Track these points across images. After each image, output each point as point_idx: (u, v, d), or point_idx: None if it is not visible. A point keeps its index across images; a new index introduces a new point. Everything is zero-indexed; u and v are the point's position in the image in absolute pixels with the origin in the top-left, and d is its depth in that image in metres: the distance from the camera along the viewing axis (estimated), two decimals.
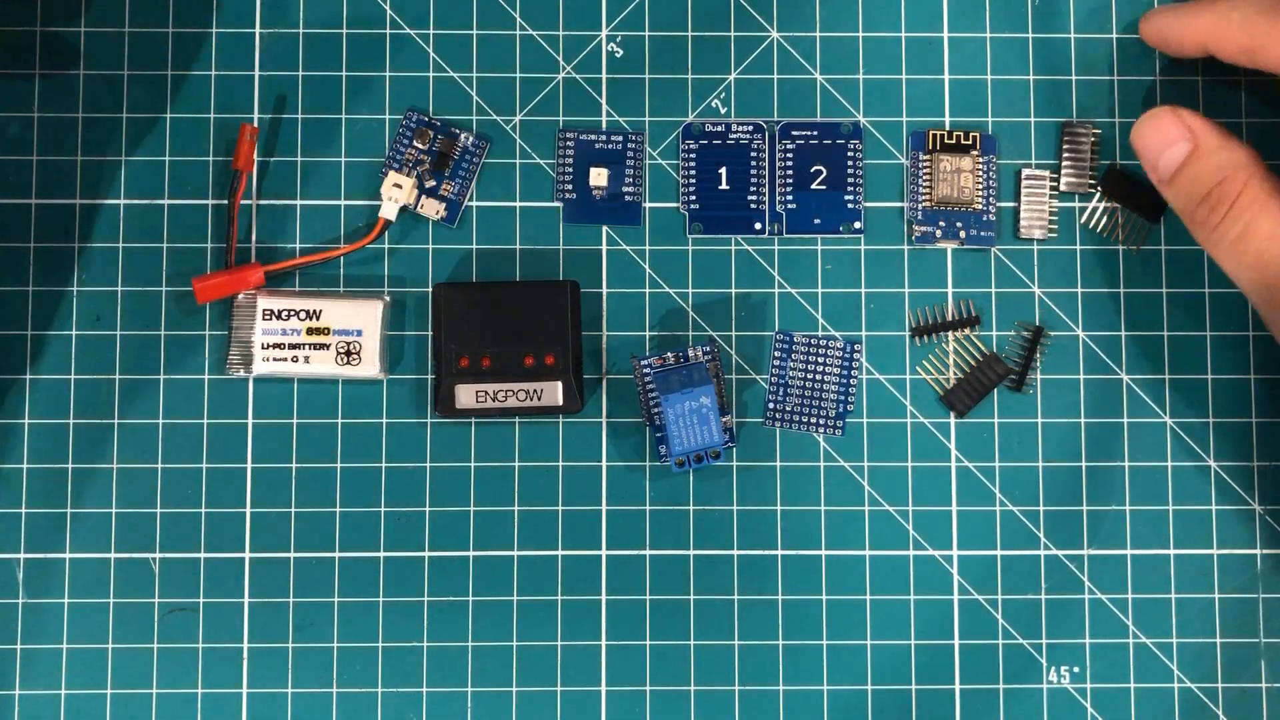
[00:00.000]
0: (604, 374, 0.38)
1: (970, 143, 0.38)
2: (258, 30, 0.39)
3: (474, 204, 0.38)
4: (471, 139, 0.38)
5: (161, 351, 0.38)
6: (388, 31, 0.39)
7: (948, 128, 0.39)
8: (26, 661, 0.37)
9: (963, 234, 0.38)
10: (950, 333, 0.38)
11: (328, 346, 0.37)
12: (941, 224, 0.38)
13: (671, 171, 0.39)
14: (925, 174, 0.38)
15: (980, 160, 0.38)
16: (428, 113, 0.39)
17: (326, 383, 0.38)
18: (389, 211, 0.38)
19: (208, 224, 0.38)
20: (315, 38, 0.39)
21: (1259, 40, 0.34)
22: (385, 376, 0.38)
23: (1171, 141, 0.35)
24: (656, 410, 0.37)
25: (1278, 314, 0.33)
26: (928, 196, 0.38)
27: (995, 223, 0.38)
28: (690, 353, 0.37)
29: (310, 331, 0.37)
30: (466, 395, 0.37)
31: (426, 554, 0.37)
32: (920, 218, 0.38)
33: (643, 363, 0.37)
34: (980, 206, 0.38)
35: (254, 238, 0.38)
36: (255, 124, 0.38)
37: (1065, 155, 0.38)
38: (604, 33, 0.39)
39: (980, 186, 0.38)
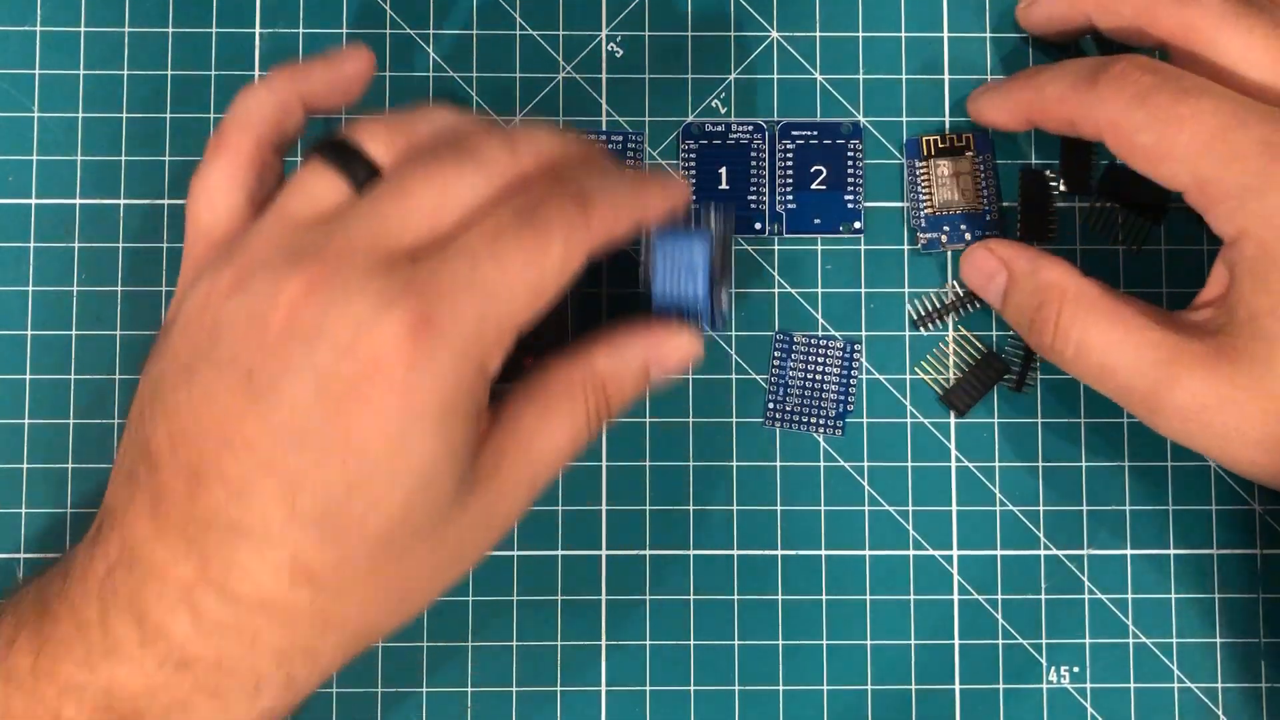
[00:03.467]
0: None
1: (964, 144, 0.38)
2: (258, 30, 0.39)
3: None
4: None
5: None
6: (388, 31, 0.39)
7: (947, 129, 0.39)
8: None
9: (968, 236, 0.38)
10: (951, 317, 0.38)
11: None
12: (946, 229, 0.38)
13: (671, 171, 0.39)
14: (924, 181, 0.38)
15: (976, 161, 0.38)
16: None
17: None
18: None
19: None
20: (315, 38, 0.39)
21: (1077, 113, 0.33)
22: None
23: (990, 275, 0.35)
24: (649, 254, 0.35)
25: (1148, 413, 0.32)
26: (929, 203, 0.38)
27: (998, 223, 0.38)
28: (701, 212, 0.36)
29: None
30: None
31: None
32: (924, 225, 0.38)
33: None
34: (983, 207, 0.38)
35: None
36: None
37: (1065, 155, 0.38)
38: (604, 33, 0.39)
39: (980, 187, 0.38)
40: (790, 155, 0.38)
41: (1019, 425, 0.38)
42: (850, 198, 0.38)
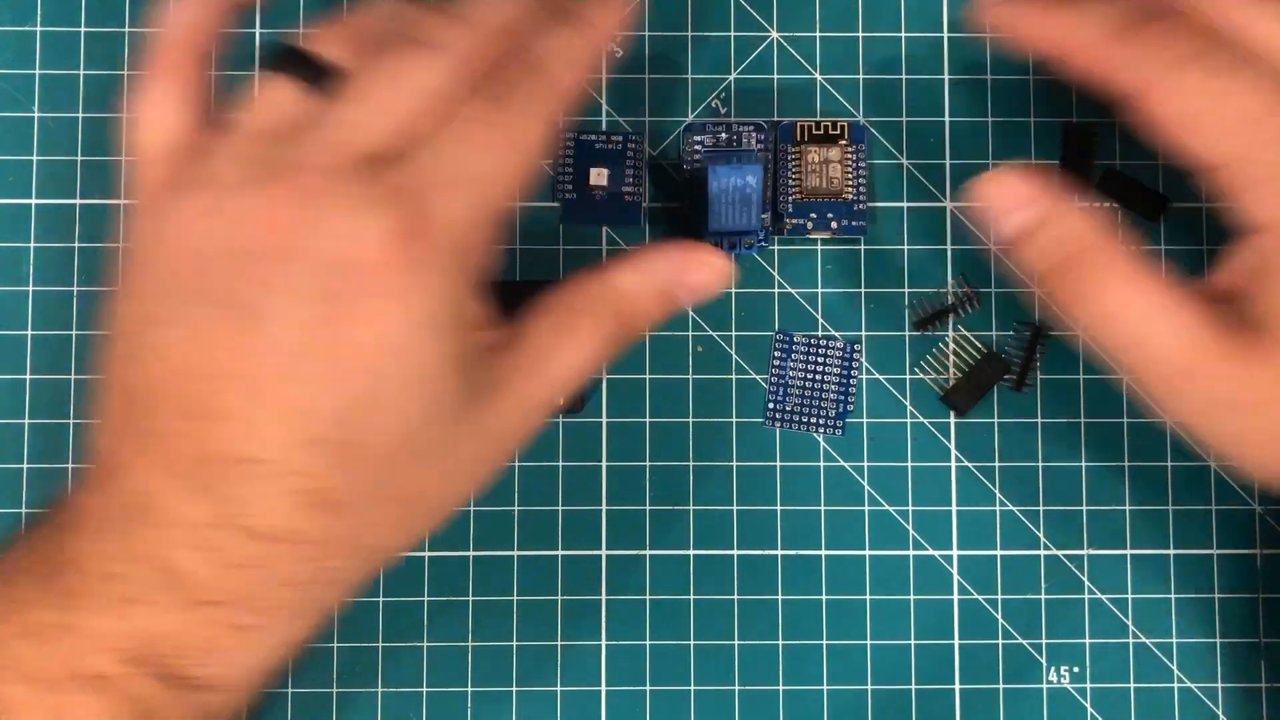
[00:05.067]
0: (604, 373, 0.38)
1: (839, 132, 0.38)
2: (258, 30, 0.39)
3: None
4: None
5: None
6: None
7: (948, 130, 0.39)
8: None
9: (834, 225, 0.38)
10: (951, 316, 0.38)
11: None
12: (813, 215, 0.38)
13: (672, 172, 0.39)
14: (794, 166, 0.38)
15: (849, 150, 0.38)
16: None
17: None
18: None
19: None
20: None
21: (1107, 65, 0.30)
22: None
23: (1018, 205, 0.31)
24: (698, 179, 0.36)
25: (1168, 393, 0.30)
26: (796, 188, 0.38)
27: (866, 213, 0.38)
28: (744, 138, 0.37)
29: None
30: None
31: (427, 554, 0.37)
32: (790, 210, 0.38)
33: (694, 138, 0.36)
34: (850, 196, 0.38)
35: None
36: None
37: (1065, 155, 0.38)
38: None
39: (850, 176, 0.38)
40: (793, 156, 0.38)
41: (1019, 425, 0.38)
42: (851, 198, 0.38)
